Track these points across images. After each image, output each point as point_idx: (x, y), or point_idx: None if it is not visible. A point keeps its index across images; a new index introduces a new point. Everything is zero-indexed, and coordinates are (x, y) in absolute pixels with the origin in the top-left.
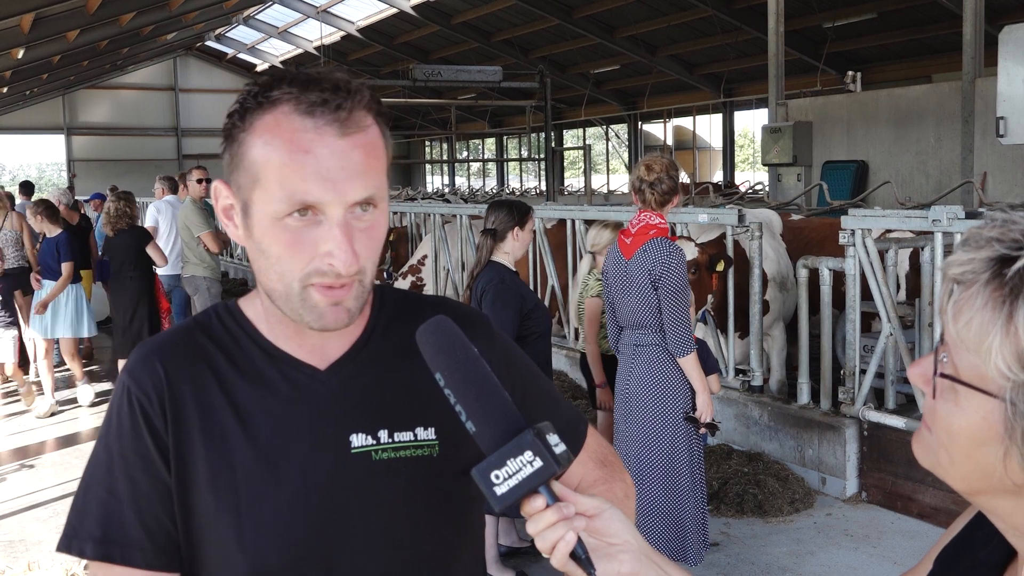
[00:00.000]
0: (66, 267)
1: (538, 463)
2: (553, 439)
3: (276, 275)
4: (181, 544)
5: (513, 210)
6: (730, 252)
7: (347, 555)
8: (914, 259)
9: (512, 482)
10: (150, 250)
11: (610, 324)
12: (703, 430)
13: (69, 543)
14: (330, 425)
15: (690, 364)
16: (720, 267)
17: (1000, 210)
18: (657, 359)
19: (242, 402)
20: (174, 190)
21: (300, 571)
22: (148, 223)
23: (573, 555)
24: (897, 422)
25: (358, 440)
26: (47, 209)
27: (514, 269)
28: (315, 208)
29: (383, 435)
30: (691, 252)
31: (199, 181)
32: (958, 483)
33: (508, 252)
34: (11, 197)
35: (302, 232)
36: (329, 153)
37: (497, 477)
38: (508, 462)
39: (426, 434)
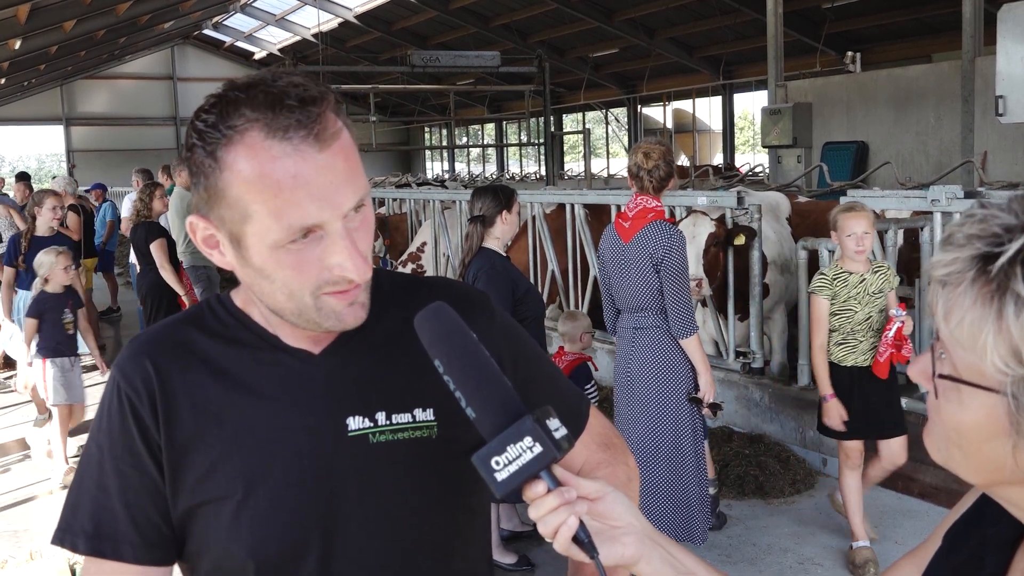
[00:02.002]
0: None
1: (538, 449)
2: (553, 424)
3: (284, 296)
4: (179, 536)
5: (499, 194)
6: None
7: (347, 539)
8: (908, 234)
9: (512, 468)
10: (153, 247)
11: (607, 307)
12: (706, 410)
13: (62, 537)
14: (326, 409)
15: (693, 345)
16: (740, 240)
17: (980, 204)
18: (658, 341)
19: (236, 391)
20: (150, 179)
21: (300, 556)
22: (124, 214)
23: (576, 539)
24: None
25: (355, 423)
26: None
27: (504, 255)
28: (315, 228)
29: (380, 417)
30: (708, 227)
31: None
32: (972, 477)
33: (498, 237)
34: None
35: (305, 252)
36: (315, 171)
37: (497, 463)
38: (508, 448)
39: (424, 415)
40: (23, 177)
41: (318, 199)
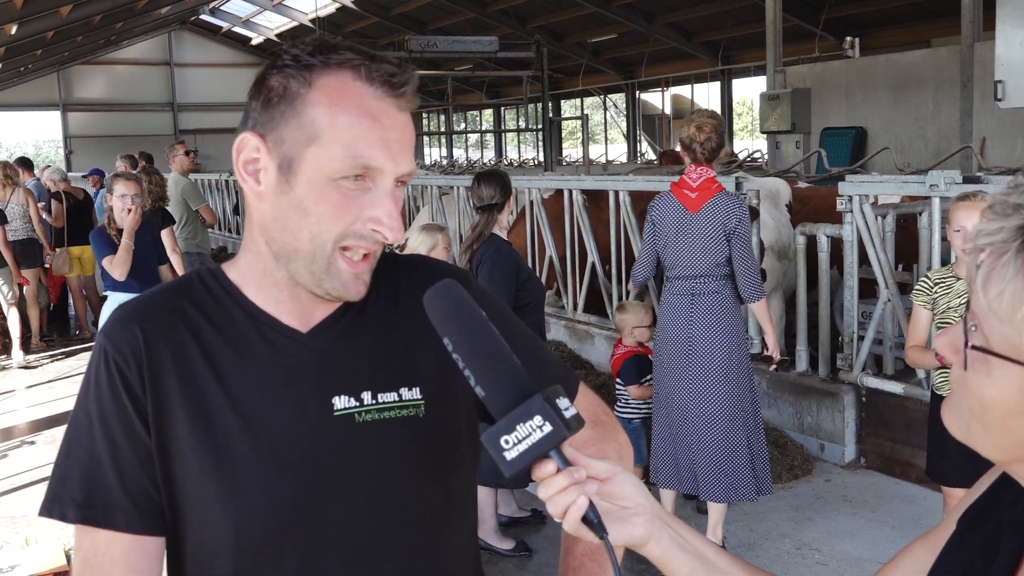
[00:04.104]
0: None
1: (548, 428)
2: (563, 403)
3: (309, 235)
4: (165, 508)
5: (505, 181)
6: None
7: (331, 519)
8: (900, 218)
9: (522, 447)
10: (165, 235)
11: (647, 269)
12: (773, 367)
13: (51, 507)
14: (312, 388)
15: (762, 308)
16: None
17: (1022, 174)
18: (720, 306)
19: (223, 365)
20: (134, 167)
21: (283, 535)
22: None
23: (585, 519)
24: (895, 388)
25: (340, 402)
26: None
27: (507, 239)
28: (369, 174)
29: (366, 396)
30: None
31: (187, 153)
32: (993, 453)
33: (504, 226)
34: (16, 171)
35: (352, 195)
36: (392, 124)
37: (507, 442)
38: (518, 427)
39: (411, 394)
40: (25, 162)
41: (387, 148)
